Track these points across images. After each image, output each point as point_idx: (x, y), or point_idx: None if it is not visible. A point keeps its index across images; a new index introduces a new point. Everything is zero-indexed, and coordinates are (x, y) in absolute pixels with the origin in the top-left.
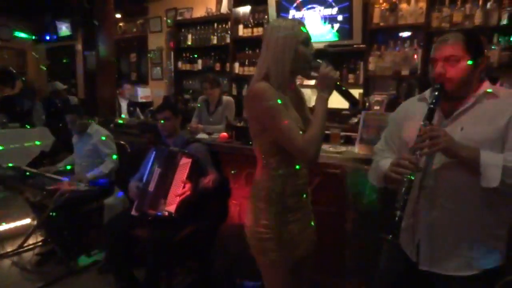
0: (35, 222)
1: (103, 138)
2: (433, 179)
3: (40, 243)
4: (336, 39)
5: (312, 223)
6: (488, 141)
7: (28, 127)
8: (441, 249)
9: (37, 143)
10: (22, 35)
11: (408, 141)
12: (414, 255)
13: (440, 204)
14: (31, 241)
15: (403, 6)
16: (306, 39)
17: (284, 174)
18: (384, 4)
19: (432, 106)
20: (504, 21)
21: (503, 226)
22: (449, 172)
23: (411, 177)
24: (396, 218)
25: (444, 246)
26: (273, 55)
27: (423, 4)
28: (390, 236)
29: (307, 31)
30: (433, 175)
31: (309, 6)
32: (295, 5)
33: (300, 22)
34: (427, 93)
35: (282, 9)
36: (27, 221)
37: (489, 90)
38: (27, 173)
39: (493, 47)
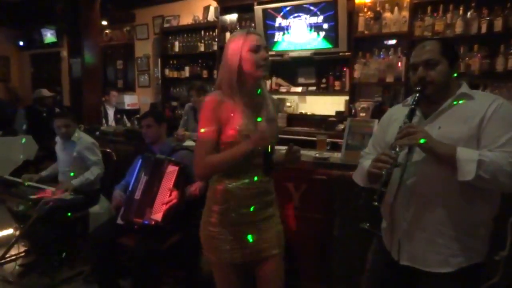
0: (17, 232)
1: (88, 145)
2: (411, 177)
3: (23, 254)
4: (322, 46)
5: (273, 229)
6: (463, 139)
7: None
8: (420, 245)
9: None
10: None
11: (391, 142)
12: (395, 253)
13: (418, 201)
14: (13, 251)
15: (387, 15)
16: (255, 46)
17: (228, 178)
18: (368, 13)
19: (412, 106)
20: (484, 30)
21: (481, 225)
22: (427, 171)
23: (390, 171)
24: (373, 209)
25: (422, 243)
26: (222, 65)
27: (406, 13)
28: (368, 224)
29: (258, 39)
30: (411, 173)
31: (295, 14)
32: (281, 13)
33: (249, 32)
34: (410, 98)
35: (268, 17)
36: (9, 231)
37: (465, 92)
38: (12, 182)
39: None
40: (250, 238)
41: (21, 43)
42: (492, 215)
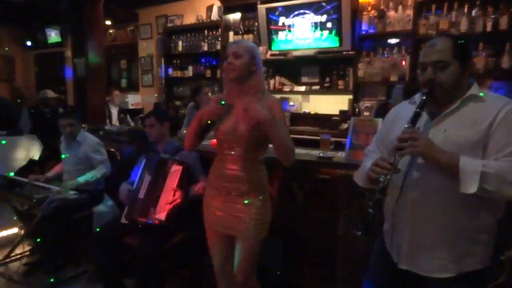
0: (22, 232)
1: (94, 145)
2: (413, 182)
3: (27, 253)
4: (326, 45)
5: (245, 216)
6: (469, 144)
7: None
8: (420, 250)
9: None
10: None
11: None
12: (395, 256)
13: (419, 207)
14: (18, 250)
15: (391, 13)
16: (227, 54)
17: (217, 162)
18: (372, 11)
19: (418, 110)
20: (489, 28)
21: (483, 231)
22: (429, 176)
23: (388, 177)
24: (367, 215)
25: (422, 248)
26: None
27: (410, 12)
28: (360, 232)
29: (229, 47)
30: (413, 177)
31: (299, 13)
32: (284, 12)
33: None
34: (417, 96)
35: (272, 16)
36: (14, 230)
37: (475, 94)
38: (17, 182)
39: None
40: (223, 215)
41: (28, 43)
42: (496, 219)
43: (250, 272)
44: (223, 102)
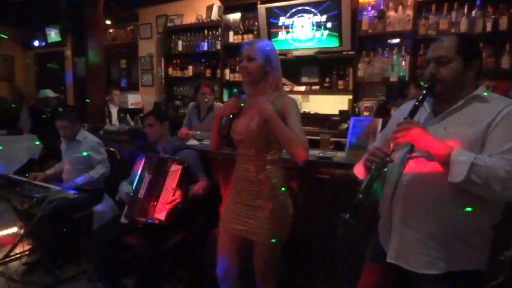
0: (22, 231)
1: (93, 145)
2: (408, 175)
3: (27, 252)
4: (326, 45)
5: (260, 220)
6: (467, 143)
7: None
8: (408, 244)
9: None
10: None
11: None
12: (388, 250)
13: (412, 201)
14: (18, 250)
15: (391, 13)
16: (241, 57)
17: (237, 165)
18: (373, 11)
19: (417, 103)
20: (489, 29)
21: (476, 233)
22: (424, 171)
23: (379, 165)
24: (356, 200)
25: (410, 242)
26: None
27: (410, 12)
28: (348, 215)
29: (243, 49)
30: (409, 171)
31: (299, 12)
32: (284, 12)
33: None
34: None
35: (272, 16)
36: (14, 229)
37: (480, 94)
38: (17, 181)
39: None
40: (237, 216)
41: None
42: (491, 223)
43: (267, 269)
44: (242, 104)
